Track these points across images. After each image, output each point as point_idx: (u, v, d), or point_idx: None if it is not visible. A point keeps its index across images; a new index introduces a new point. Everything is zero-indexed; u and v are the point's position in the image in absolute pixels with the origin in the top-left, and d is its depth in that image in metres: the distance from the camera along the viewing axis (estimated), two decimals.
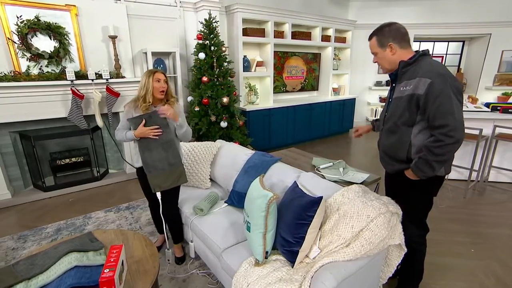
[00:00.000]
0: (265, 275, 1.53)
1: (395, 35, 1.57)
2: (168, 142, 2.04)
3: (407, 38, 1.60)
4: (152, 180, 2.03)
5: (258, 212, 1.61)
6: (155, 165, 2.02)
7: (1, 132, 3.29)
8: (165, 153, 2.03)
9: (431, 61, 1.54)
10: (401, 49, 1.58)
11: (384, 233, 1.56)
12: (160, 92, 2.02)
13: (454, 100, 1.44)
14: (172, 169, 2.07)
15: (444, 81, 1.44)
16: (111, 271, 1.37)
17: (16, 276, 1.47)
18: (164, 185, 2.05)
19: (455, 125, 1.43)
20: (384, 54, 1.62)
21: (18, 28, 3.04)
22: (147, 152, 2.01)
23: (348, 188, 1.78)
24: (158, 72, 2.03)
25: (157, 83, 2.01)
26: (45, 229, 2.82)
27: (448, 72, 1.49)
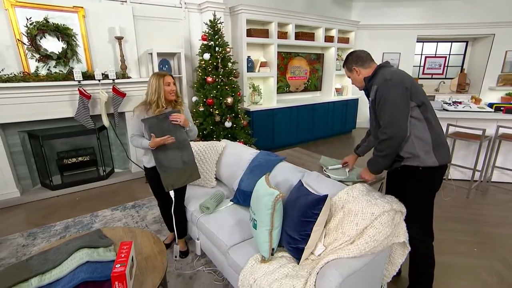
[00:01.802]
0: (272, 271, 1.57)
1: (356, 60, 1.86)
2: (182, 142, 2.10)
3: (368, 59, 1.86)
4: (166, 179, 2.07)
5: (264, 210, 1.65)
6: (170, 165, 2.06)
7: (11, 132, 3.35)
8: (180, 153, 2.09)
9: (384, 71, 1.75)
10: (365, 69, 1.85)
11: (388, 231, 1.59)
12: (171, 94, 2.07)
13: (390, 101, 1.65)
14: (186, 167, 2.12)
15: (385, 85, 1.67)
16: (122, 266, 1.41)
17: (31, 270, 1.52)
18: (177, 183, 2.10)
19: (387, 122, 1.65)
20: (354, 77, 1.91)
21: (27, 30, 3.10)
22: (162, 153, 2.04)
23: (352, 187, 1.81)
24: (167, 75, 2.06)
25: (168, 86, 2.05)
26: (53, 226, 2.87)
27: (395, 76, 1.68)
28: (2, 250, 2.48)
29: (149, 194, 3.60)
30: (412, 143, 1.69)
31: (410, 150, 1.70)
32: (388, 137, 1.65)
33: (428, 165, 1.68)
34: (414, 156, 1.70)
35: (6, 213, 3.15)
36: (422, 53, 7.33)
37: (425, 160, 1.68)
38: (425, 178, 1.74)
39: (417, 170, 1.72)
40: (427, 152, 1.68)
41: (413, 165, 1.72)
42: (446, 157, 1.74)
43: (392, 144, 1.67)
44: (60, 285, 1.45)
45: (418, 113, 1.69)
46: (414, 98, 1.67)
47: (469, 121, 3.54)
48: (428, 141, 1.69)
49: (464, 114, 3.70)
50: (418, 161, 1.69)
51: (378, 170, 1.87)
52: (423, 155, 1.68)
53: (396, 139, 1.65)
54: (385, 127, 1.66)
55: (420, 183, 1.76)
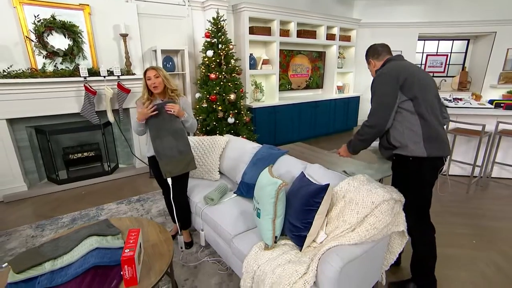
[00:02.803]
0: (275, 257, 1.63)
1: (372, 52, 1.98)
2: (177, 131, 2.16)
3: (384, 51, 1.95)
4: (163, 166, 2.14)
5: (267, 199, 1.70)
6: (165, 153, 2.12)
7: (18, 127, 3.42)
8: (175, 142, 2.15)
9: (389, 64, 1.85)
10: (379, 61, 1.96)
11: (388, 219, 1.64)
12: (153, 88, 2.13)
13: (377, 93, 1.78)
14: (182, 156, 2.18)
15: (377, 77, 1.81)
16: (131, 251, 1.47)
17: (44, 255, 1.58)
18: (174, 171, 2.16)
19: (371, 111, 1.80)
20: (370, 68, 2.04)
21: (35, 27, 3.16)
22: (158, 140, 2.11)
23: (353, 177, 1.86)
24: (149, 70, 2.14)
25: (148, 80, 2.13)
26: (61, 219, 2.94)
27: (390, 70, 1.78)
28: (13, 241, 2.55)
29: (153, 188, 3.66)
30: (403, 133, 1.75)
31: (400, 140, 1.77)
32: (369, 125, 1.80)
33: (416, 155, 1.73)
34: (403, 146, 1.76)
35: (14, 206, 3.22)
36: (423, 51, 7.36)
37: (414, 150, 1.73)
38: (415, 168, 1.78)
39: (407, 160, 1.78)
40: (416, 142, 1.73)
41: (403, 154, 1.78)
42: (439, 151, 1.75)
43: (371, 132, 1.82)
44: (72, 269, 1.51)
45: (410, 106, 1.73)
46: (406, 92, 1.72)
47: (469, 117, 3.57)
48: (418, 133, 1.73)
49: (464, 110, 3.73)
50: (407, 151, 1.75)
51: (355, 151, 2.02)
52: (411, 145, 1.73)
53: (376, 128, 1.79)
54: (369, 115, 1.81)
55: (411, 173, 1.81)
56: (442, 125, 1.83)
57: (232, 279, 2.09)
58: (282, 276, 1.48)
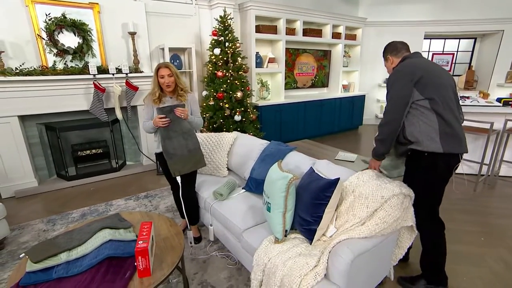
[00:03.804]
0: (285, 250, 1.65)
1: (391, 49, 1.96)
2: (187, 132, 2.18)
3: (403, 49, 1.93)
4: (172, 165, 2.15)
5: (278, 193, 1.72)
6: (175, 152, 2.14)
7: (29, 124, 3.48)
8: (185, 141, 2.17)
9: (406, 61, 1.84)
10: (397, 58, 1.94)
11: (397, 214, 1.65)
12: (166, 86, 2.15)
13: (392, 90, 1.78)
14: (191, 154, 2.19)
15: (392, 75, 1.81)
16: (145, 242, 1.50)
17: (59, 246, 1.61)
18: (183, 169, 2.18)
19: (386, 109, 1.80)
20: (387, 65, 2.02)
21: (46, 25, 3.22)
22: (168, 140, 2.13)
23: (363, 172, 1.87)
24: (162, 68, 2.13)
25: (161, 79, 2.14)
26: (71, 214, 2.98)
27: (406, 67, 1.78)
28: (25, 234, 2.60)
29: (161, 185, 3.70)
30: (419, 128, 1.74)
31: (416, 135, 1.76)
32: (384, 122, 1.80)
33: (432, 150, 1.72)
34: (418, 141, 1.75)
35: (26, 201, 3.28)
36: (429, 50, 7.32)
37: (429, 146, 1.72)
38: (429, 164, 1.77)
39: (422, 155, 1.77)
40: (432, 138, 1.72)
41: (418, 149, 1.77)
42: (455, 147, 1.74)
43: (386, 130, 1.80)
44: (87, 259, 1.54)
45: (427, 104, 1.71)
46: (421, 91, 1.70)
47: (477, 115, 3.56)
48: (435, 128, 1.72)
49: (472, 108, 3.72)
50: (422, 146, 1.74)
51: (377, 155, 1.93)
52: (427, 141, 1.72)
53: (390, 125, 1.78)
54: (384, 113, 1.81)
55: (425, 168, 1.80)
56: (460, 122, 1.80)
57: (241, 273, 2.11)
58: (293, 269, 1.50)
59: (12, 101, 3.19)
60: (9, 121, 3.23)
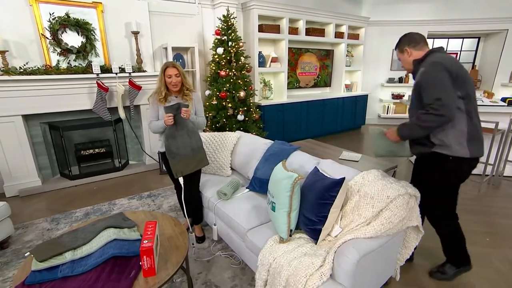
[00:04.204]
0: (290, 250, 1.64)
1: (409, 40, 1.86)
2: (192, 130, 2.18)
3: (422, 41, 1.85)
4: (174, 166, 2.14)
5: (283, 192, 1.71)
6: (179, 151, 2.12)
7: (33, 123, 3.49)
8: (189, 139, 2.16)
9: (436, 55, 1.73)
10: (416, 51, 1.83)
11: (403, 214, 1.64)
12: (173, 86, 2.15)
13: (444, 83, 1.62)
14: (194, 153, 2.18)
15: (434, 67, 1.65)
16: (150, 242, 1.50)
17: (64, 245, 1.61)
18: (186, 170, 2.16)
19: (443, 102, 1.59)
20: (404, 58, 1.91)
21: (50, 25, 3.22)
22: (171, 139, 2.12)
23: (368, 172, 1.86)
24: (169, 67, 2.13)
25: (169, 78, 2.13)
26: (74, 213, 2.99)
27: (446, 61, 1.66)
28: (29, 233, 2.61)
29: (164, 185, 3.70)
30: (447, 131, 1.70)
31: (443, 138, 1.71)
32: (440, 114, 1.60)
33: (460, 155, 1.69)
34: (445, 145, 1.71)
35: (30, 200, 3.28)
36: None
37: (457, 150, 1.68)
38: (454, 167, 1.75)
39: (447, 159, 1.73)
40: (460, 143, 1.68)
41: (443, 153, 1.72)
42: (479, 151, 1.74)
43: (438, 120, 1.63)
44: (92, 259, 1.54)
45: (461, 103, 1.67)
46: (459, 88, 1.64)
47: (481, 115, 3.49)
48: (464, 132, 1.68)
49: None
50: (449, 151, 1.70)
51: (406, 136, 1.82)
52: (456, 145, 1.68)
53: (445, 117, 1.61)
54: (440, 105, 1.59)
55: (449, 171, 1.77)
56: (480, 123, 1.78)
57: (245, 273, 2.11)
58: (299, 269, 1.49)
59: (16, 101, 3.20)
60: (13, 121, 3.24)
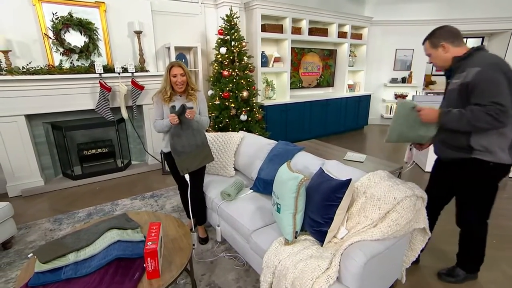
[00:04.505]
0: (296, 252, 1.62)
1: (447, 35, 1.69)
2: (197, 129, 2.17)
3: (460, 37, 1.71)
4: (180, 163, 2.12)
5: (288, 194, 1.69)
6: (184, 150, 2.11)
7: (36, 123, 3.48)
8: (193, 137, 2.14)
9: (485, 54, 1.62)
10: (455, 47, 1.69)
11: (410, 216, 1.62)
12: (178, 85, 2.14)
13: (503, 87, 1.48)
14: (199, 150, 2.16)
15: (493, 69, 1.50)
16: (154, 243, 1.48)
17: (67, 247, 1.60)
18: (191, 166, 2.15)
19: (505, 109, 1.45)
20: (438, 54, 1.74)
21: (53, 24, 3.21)
22: (177, 138, 2.10)
23: (374, 173, 1.84)
24: (174, 66, 2.12)
25: (174, 78, 2.12)
26: (77, 213, 2.98)
27: (502, 63, 1.54)
28: (32, 234, 2.60)
29: (166, 185, 3.68)
30: (491, 137, 1.61)
31: (486, 145, 1.61)
32: (500, 120, 1.46)
33: (503, 162, 1.63)
34: (487, 151, 1.62)
35: (32, 201, 3.28)
36: None
37: (501, 157, 1.61)
38: (496, 173, 1.69)
39: (487, 165, 1.65)
40: (503, 149, 1.61)
41: (484, 159, 1.64)
42: None
43: (493, 126, 1.51)
44: (95, 260, 1.52)
45: None
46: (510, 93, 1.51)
47: None
48: (509, 138, 1.61)
49: None
50: (491, 157, 1.62)
51: (449, 124, 1.64)
52: (499, 152, 1.61)
53: (501, 125, 1.49)
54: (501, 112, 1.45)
55: (491, 177, 1.71)
56: None
57: (249, 275, 2.09)
58: (305, 271, 1.47)
59: (19, 100, 3.19)
60: (16, 120, 3.23)
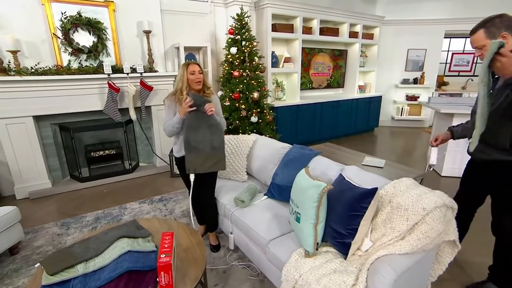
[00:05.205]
0: (318, 266, 1.51)
1: (508, 24, 1.48)
2: (215, 126, 2.07)
3: None
4: (190, 160, 2.03)
5: (310, 203, 1.59)
6: (197, 146, 2.02)
7: (44, 124, 3.43)
8: (210, 136, 2.05)
9: None
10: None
11: (440, 227, 1.50)
12: (196, 83, 2.05)
13: None
14: (213, 152, 2.07)
15: None
16: (167, 256, 1.39)
17: (75, 257, 1.52)
18: (200, 168, 2.05)
19: None
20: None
21: (62, 24, 3.16)
22: (193, 131, 2.00)
23: (399, 181, 1.73)
24: (192, 64, 2.06)
25: (192, 75, 2.04)
26: (84, 217, 2.91)
27: None
28: (39, 238, 2.53)
29: (175, 188, 3.60)
30: None
31: None
32: None
33: None
34: None
35: (40, 203, 3.22)
36: (449, 50, 7.07)
37: None
38: None
39: None
40: None
41: None
42: None
43: None
44: (105, 273, 1.44)
45: None
46: None
47: None
48: None
49: None
50: None
51: None
52: None
53: None
54: None
55: None
56: None
57: (264, 286, 1.99)
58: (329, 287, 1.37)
59: (27, 101, 3.14)
60: (24, 122, 3.18)
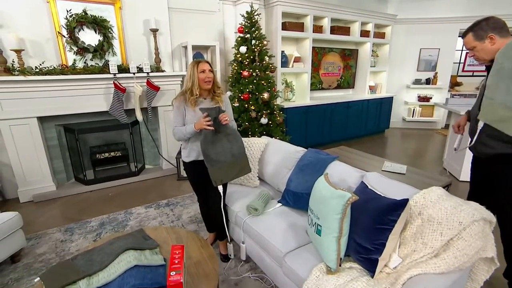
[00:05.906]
0: (343, 285, 1.37)
1: (495, 25, 1.62)
2: (232, 134, 1.97)
3: (506, 28, 1.63)
4: (214, 173, 1.92)
5: (332, 215, 1.45)
6: (218, 158, 1.91)
7: (48, 125, 3.34)
8: (229, 144, 1.95)
9: None
10: (502, 38, 1.61)
11: (479, 244, 1.36)
12: (206, 82, 1.94)
13: None
14: (235, 160, 1.96)
15: None
16: (178, 274, 1.27)
17: (78, 271, 1.40)
18: (227, 178, 1.96)
19: None
20: (483, 46, 1.66)
21: (67, 22, 3.06)
22: (210, 145, 1.89)
23: (428, 190, 1.57)
24: (202, 62, 1.95)
25: (202, 74, 1.93)
26: (89, 222, 2.80)
27: None
28: (43, 245, 2.43)
29: (182, 192, 3.49)
30: None
31: None
32: None
33: None
34: None
35: (44, 207, 3.13)
36: (462, 49, 6.86)
37: None
38: None
39: None
40: None
41: None
42: None
43: None
44: None
45: None
46: None
47: None
48: None
49: None
50: None
51: None
52: None
53: None
54: None
55: None
56: None
57: None
58: None
59: (31, 102, 3.05)
60: (28, 123, 3.09)
